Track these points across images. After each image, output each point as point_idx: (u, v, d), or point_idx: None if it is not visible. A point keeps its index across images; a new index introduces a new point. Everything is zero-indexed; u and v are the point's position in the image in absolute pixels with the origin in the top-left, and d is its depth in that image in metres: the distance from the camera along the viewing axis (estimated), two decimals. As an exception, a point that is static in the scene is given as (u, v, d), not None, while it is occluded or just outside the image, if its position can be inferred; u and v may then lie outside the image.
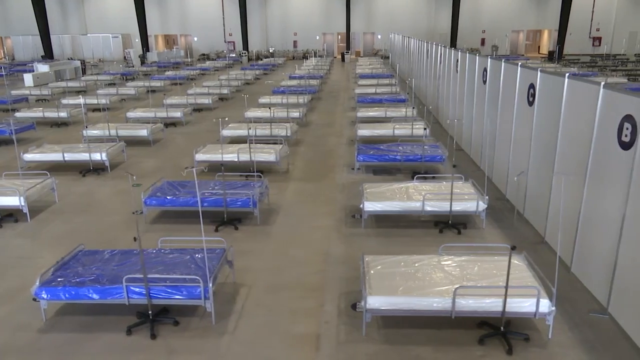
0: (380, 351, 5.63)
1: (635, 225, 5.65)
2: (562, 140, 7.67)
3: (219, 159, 12.16)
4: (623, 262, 5.92)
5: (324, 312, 6.41)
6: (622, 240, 5.92)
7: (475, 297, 5.76)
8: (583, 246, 6.95)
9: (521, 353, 5.57)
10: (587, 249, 6.82)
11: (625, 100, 5.96)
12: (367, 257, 6.72)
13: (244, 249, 8.26)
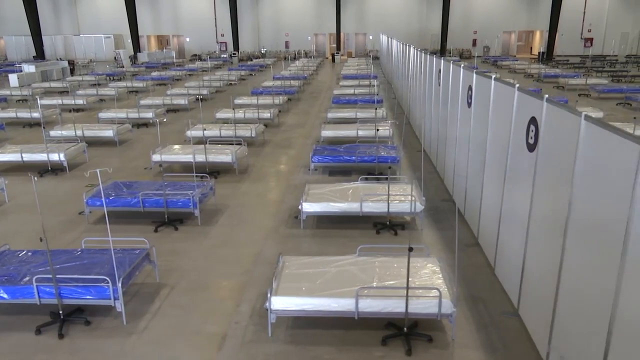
0: (281, 351, 5.65)
1: (538, 227, 5.66)
2: (490, 141, 7.69)
3: (175, 159, 12.24)
4: (529, 262, 5.94)
5: (238, 312, 6.45)
6: (528, 241, 5.94)
7: (379, 298, 5.79)
8: (502, 247, 6.98)
9: (421, 354, 5.59)
10: (505, 250, 6.84)
11: (531, 102, 5.98)
12: (284, 258, 6.75)
13: (178, 249, 8.30)
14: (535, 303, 5.69)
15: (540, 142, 5.63)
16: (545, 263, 5.36)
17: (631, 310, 3.72)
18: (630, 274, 3.72)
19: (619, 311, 3.86)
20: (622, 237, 3.80)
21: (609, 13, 49.31)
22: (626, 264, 3.77)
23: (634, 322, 3.69)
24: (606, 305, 4.02)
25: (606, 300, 4.02)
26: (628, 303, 3.75)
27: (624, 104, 21.37)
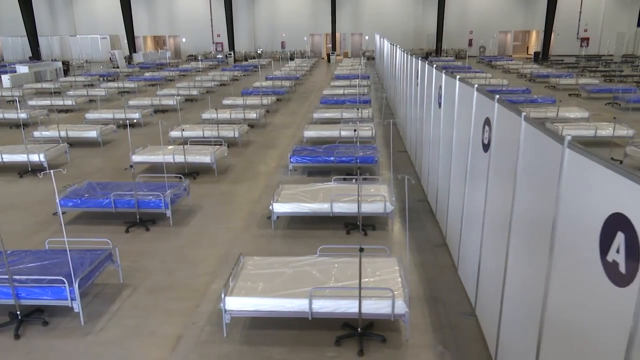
0: (234, 352, 5.66)
1: (490, 226, 5.66)
2: (455, 141, 7.69)
3: (154, 160, 12.27)
4: (483, 262, 5.94)
5: (197, 313, 6.45)
6: (483, 241, 5.94)
7: (333, 298, 5.80)
8: (464, 247, 6.98)
9: (373, 354, 5.60)
10: (466, 250, 6.84)
11: (486, 103, 5.98)
12: (245, 258, 6.76)
13: (146, 249, 8.31)
14: (488, 302, 5.69)
15: (493, 142, 5.64)
16: (495, 262, 5.36)
17: (557, 307, 3.72)
18: (556, 272, 3.73)
19: (548, 308, 3.87)
20: (549, 235, 3.81)
21: (605, 13, 49.23)
22: (553, 261, 3.77)
23: (560, 319, 3.69)
24: (538, 302, 4.02)
25: (538, 297, 4.02)
26: (555, 300, 3.75)
27: (612, 104, 21.33)
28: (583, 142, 14.73)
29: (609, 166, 3.07)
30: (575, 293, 3.42)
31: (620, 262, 2.89)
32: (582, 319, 3.34)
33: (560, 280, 3.66)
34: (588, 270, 3.23)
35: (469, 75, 28.16)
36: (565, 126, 14.56)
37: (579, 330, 3.38)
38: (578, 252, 3.37)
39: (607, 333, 3.00)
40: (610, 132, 14.21)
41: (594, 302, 3.18)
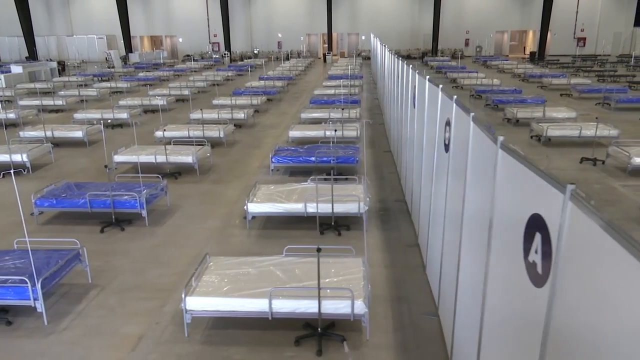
0: (193, 352, 5.67)
1: (450, 225, 5.67)
2: (426, 141, 7.69)
3: (137, 160, 12.30)
4: (444, 261, 5.95)
5: (161, 313, 6.46)
6: (444, 240, 5.95)
7: (293, 298, 5.80)
8: (430, 247, 6.98)
9: (332, 354, 5.60)
10: (432, 249, 6.85)
11: (447, 103, 5.98)
12: (210, 258, 6.77)
13: (119, 249, 8.32)
14: (446, 302, 5.70)
15: (451, 142, 5.64)
16: (452, 262, 5.37)
17: (493, 307, 3.73)
18: (492, 272, 3.73)
19: (486, 308, 3.87)
20: (487, 235, 3.81)
21: (601, 13, 49.17)
22: (490, 261, 3.78)
23: (495, 320, 3.70)
24: (480, 302, 4.03)
25: (480, 297, 4.03)
26: (491, 300, 3.76)
27: (602, 104, 21.32)
28: (568, 142, 14.79)
29: (530, 167, 3.08)
30: (507, 294, 3.43)
31: (537, 262, 2.90)
32: (512, 321, 3.35)
33: (495, 281, 3.67)
34: (515, 271, 3.24)
35: (462, 75, 28.16)
36: (550, 126, 14.55)
37: (511, 332, 3.39)
38: (509, 252, 3.38)
39: (531, 335, 3.00)
40: (600, 132, 14.18)
41: (519, 303, 3.18)
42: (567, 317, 2.51)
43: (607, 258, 2.12)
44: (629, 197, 10.34)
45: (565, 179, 8.27)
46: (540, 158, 13.42)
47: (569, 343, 2.49)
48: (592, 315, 2.24)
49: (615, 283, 2.05)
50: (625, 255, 1.95)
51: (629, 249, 1.94)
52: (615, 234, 2.06)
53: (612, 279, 2.08)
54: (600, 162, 12.71)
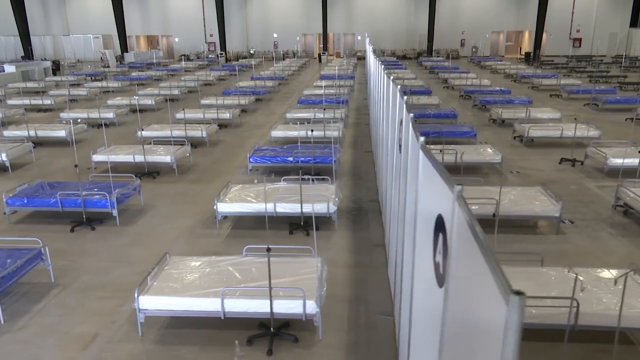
0: (145, 351, 5.69)
1: (400, 224, 5.67)
2: (390, 140, 7.70)
3: (116, 159, 12.35)
4: (398, 259, 5.95)
5: (119, 312, 6.47)
6: (397, 238, 5.95)
7: (246, 298, 5.81)
8: (391, 246, 6.99)
9: (282, 353, 5.61)
10: (392, 249, 6.86)
11: (402, 104, 5.99)
12: (170, 257, 6.78)
13: (88, 249, 8.34)
14: (398, 301, 5.70)
15: (403, 142, 5.65)
16: (400, 259, 5.37)
17: (417, 307, 3.74)
18: (416, 272, 3.74)
19: (413, 309, 3.89)
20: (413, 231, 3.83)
21: (597, 13, 49.14)
22: (415, 260, 3.79)
23: (418, 320, 3.71)
24: (408, 303, 4.04)
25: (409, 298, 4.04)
26: (415, 301, 3.77)
27: (590, 105, 21.31)
28: (550, 142, 14.77)
29: (437, 167, 3.09)
30: (424, 293, 3.44)
31: (440, 262, 2.91)
32: (428, 321, 3.36)
33: (418, 281, 3.68)
34: (429, 271, 3.25)
35: (453, 76, 28.16)
36: (531, 127, 14.56)
37: (430, 333, 3.39)
38: (425, 252, 3.39)
39: (437, 334, 3.01)
40: (580, 133, 14.18)
41: (430, 302, 3.19)
42: (459, 316, 2.51)
43: (475, 258, 2.13)
44: (603, 197, 10.34)
45: (542, 180, 8.35)
46: (522, 158, 13.43)
47: (460, 347, 2.49)
48: (474, 316, 2.24)
49: (477, 282, 2.06)
50: (478, 253, 1.97)
51: (482, 250, 1.95)
52: (476, 234, 2.07)
53: (476, 280, 2.09)
54: (579, 163, 12.70)
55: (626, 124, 17.66)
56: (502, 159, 11.77)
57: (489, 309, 1.88)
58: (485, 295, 1.95)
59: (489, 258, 1.85)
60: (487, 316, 1.89)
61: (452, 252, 2.59)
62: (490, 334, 1.84)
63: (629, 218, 9.25)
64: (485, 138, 15.66)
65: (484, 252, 1.92)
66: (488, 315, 1.88)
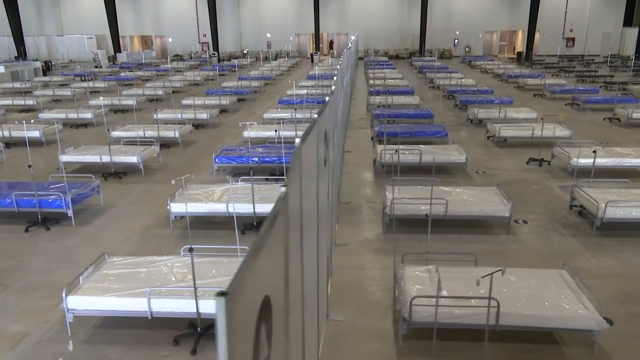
0: (70, 351, 5.71)
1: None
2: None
3: (83, 160, 12.42)
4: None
5: (54, 312, 6.51)
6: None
7: (173, 298, 5.84)
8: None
9: (207, 353, 5.65)
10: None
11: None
12: (108, 257, 6.81)
13: (38, 249, 8.38)
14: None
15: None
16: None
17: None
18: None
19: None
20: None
21: (590, 13, 49.07)
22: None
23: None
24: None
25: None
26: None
27: (571, 104, 21.30)
28: (523, 142, 14.76)
29: (294, 167, 3.11)
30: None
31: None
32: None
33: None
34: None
35: (439, 76, 28.16)
36: (502, 126, 14.56)
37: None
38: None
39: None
40: (550, 133, 14.19)
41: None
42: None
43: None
44: (562, 197, 10.34)
45: (506, 179, 8.36)
46: (491, 158, 13.44)
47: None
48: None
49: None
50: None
51: (252, 249, 1.98)
52: (266, 232, 2.10)
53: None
54: (546, 163, 12.71)
55: (603, 124, 17.66)
56: (466, 159, 11.78)
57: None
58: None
59: (249, 257, 1.88)
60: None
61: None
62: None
63: (584, 218, 9.27)
64: (460, 138, 15.68)
65: (252, 251, 1.94)
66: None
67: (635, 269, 7.40)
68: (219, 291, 1.55)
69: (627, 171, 11.69)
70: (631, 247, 8.10)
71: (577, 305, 5.58)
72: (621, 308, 6.40)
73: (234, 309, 1.64)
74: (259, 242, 2.01)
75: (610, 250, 8.01)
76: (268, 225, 2.20)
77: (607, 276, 7.20)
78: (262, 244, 2.07)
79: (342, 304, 6.60)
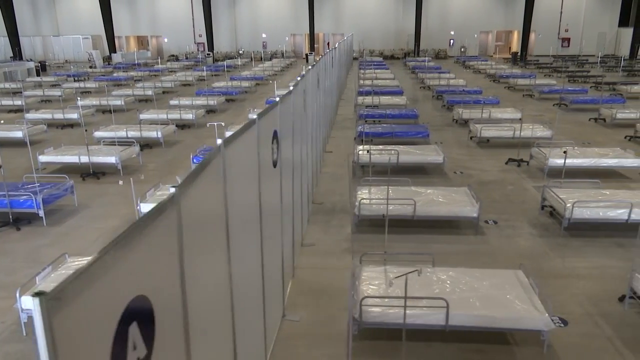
0: (21, 350, 5.73)
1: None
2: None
3: (61, 160, 12.45)
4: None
5: (12, 311, 6.51)
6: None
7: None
8: (289, 248, 7.03)
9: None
10: (288, 251, 6.89)
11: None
12: (70, 258, 6.82)
13: (5, 249, 8.40)
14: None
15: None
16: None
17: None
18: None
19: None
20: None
21: (586, 13, 49.04)
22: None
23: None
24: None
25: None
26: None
27: (559, 105, 21.30)
28: (505, 143, 14.76)
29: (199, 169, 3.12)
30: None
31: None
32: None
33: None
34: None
35: (430, 76, 28.17)
36: (484, 127, 14.56)
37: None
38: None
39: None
40: (532, 133, 14.20)
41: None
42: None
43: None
44: (536, 198, 10.34)
45: (483, 180, 8.37)
46: (471, 159, 13.44)
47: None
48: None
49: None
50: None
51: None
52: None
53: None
54: (525, 164, 12.71)
55: (589, 124, 17.66)
56: (444, 159, 11.79)
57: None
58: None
59: (96, 258, 1.89)
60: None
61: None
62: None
63: (554, 219, 9.27)
64: (444, 138, 15.69)
65: (102, 252, 1.96)
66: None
67: (598, 269, 7.41)
68: (37, 291, 1.56)
69: (604, 171, 11.69)
70: (596, 247, 8.11)
71: (528, 305, 5.58)
72: (578, 308, 6.40)
73: (60, 310, 1.66)
74: (113, 244, 2.02)
75: (576, 250, 8.01)
76: (134, 227, 2.21)
77: (569, 276, 7.21)
78: (124, 245, 2.08)
79: (301, 304, 6.61)
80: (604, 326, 6.03)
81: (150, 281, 2.37)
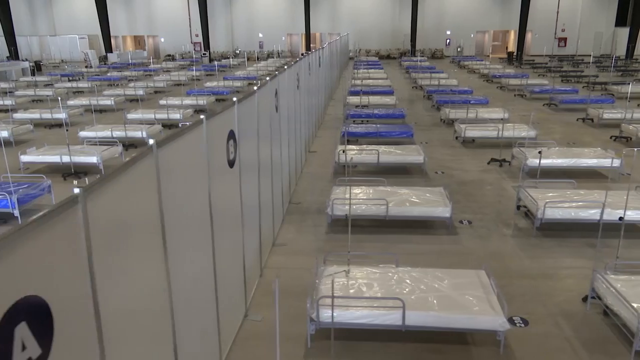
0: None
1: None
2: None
3: (43, 160, 12.46)
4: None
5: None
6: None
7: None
8: (255, 248, 7.03)
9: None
10: (254, 252, 6.90)
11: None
12: None
13: (-22, 249, 8.40)
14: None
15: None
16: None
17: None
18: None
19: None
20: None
21: (582, 13, 49.00)
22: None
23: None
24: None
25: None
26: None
27: (549, 104, 21.29)
28: (490, 143, 14.76)
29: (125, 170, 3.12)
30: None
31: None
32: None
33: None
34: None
35: (421, 76, 28.16)
36: (468, 127, 14.56)
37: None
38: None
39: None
40: (516, 133, 14.19)
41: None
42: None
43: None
44: (513, 198, 10.33)
45: (463, 180, 8.39)
46: (454, 159, 13.44)
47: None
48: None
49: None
50: None
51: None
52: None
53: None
54: (507, 164, 12.71)
55: (576, 124, 17.65)
56: (424, 159, 11.79)
57: None
58: None
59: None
60: None
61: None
62: None
63: (529, 219, 9.26)
64: (430, 138, 15.70)
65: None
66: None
67: (565, 269, 7.41)
68: None
69: (584, 171, 11.68)
70: (567, 247, 8.11)
71: (485, 306, 5.58)
72: (540, 308, 6.41)
73: None
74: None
75: (546, 250, 8.01)
76: (16, 229, 2.21)
77: (536, 277, 7.21)
78: (3, 245, 2.09)
79: (266, 304, 6.62)
80: (564, 326, 6.03)
81: (46, 281, 2.38)
